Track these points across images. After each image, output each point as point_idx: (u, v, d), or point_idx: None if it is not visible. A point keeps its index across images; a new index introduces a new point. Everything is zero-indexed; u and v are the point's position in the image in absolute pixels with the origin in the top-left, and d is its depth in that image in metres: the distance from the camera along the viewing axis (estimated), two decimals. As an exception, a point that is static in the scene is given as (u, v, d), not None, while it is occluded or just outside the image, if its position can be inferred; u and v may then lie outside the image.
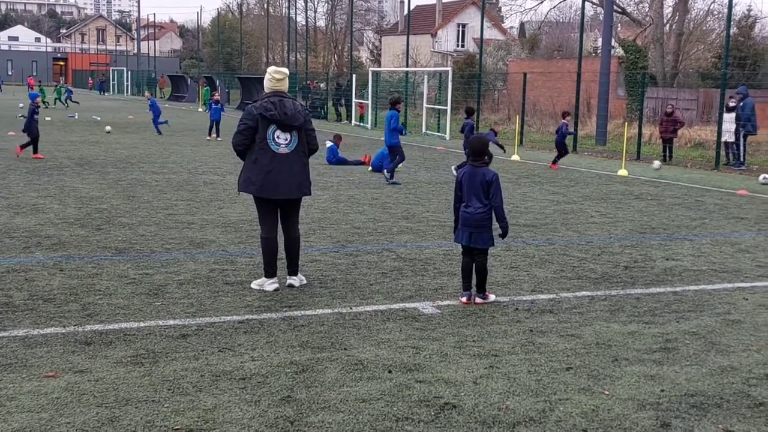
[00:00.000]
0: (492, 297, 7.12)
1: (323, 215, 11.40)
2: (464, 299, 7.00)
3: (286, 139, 7.11)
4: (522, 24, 65.80)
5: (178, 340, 5.73)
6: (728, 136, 20.56)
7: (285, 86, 7.28)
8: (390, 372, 5.22)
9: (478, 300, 7.01)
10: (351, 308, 6.72)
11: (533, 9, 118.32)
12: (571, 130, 19.58)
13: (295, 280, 7.40)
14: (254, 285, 7.31)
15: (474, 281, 7.10)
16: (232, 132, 7.79)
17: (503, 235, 7.05)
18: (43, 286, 7.07)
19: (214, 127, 25.26)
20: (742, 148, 20.43)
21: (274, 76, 7.21)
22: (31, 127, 17.49)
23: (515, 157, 21.84)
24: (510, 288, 7.59)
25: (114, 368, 5.12)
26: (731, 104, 20.56)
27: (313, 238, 9.74)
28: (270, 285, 7.22)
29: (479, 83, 31.13)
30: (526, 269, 8.41)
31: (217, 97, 26.16)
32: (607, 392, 4.99)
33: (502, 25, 66.12)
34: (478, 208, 6.92)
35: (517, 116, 25.99)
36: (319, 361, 5.38)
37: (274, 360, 5.38)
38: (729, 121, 20.42)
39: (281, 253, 7.48)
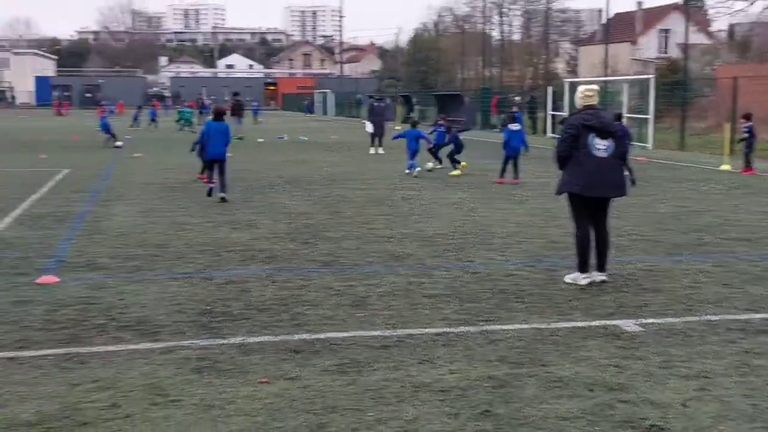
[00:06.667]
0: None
1: (519, 229, 11.36)
2: None
3: (605, 145, 7.90)
4: (731, 26, 62.45)
5: (379, 351, 5.92)
6: None
7: (596, 101, 8.17)
8: (591, 390, 5.14)
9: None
10: (549, 324, 6.67)
11: (743, 10, 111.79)
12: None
13: (605, 276, 8.07)
14: (568, 279, 8.14)
15: None
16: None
17: None
18: (258, 296, 7.53)
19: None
20: None
21: (586, 94, 8.13)
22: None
23: (725, 167, 20.75)
24: (722, 306, 7.24)
25: (321, 376, 5.37)
26: None
27: (509, 252, 9.73)
28: (583, 279, 8.01)
29: (684, 90, 29.84)
30: (739, 286, 7.99)
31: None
32: (829, 418, 4.66)
33: (709, 28, 63.05)
34: None
35: (726, 123, 24.66)
36: (518, 377, 5.38)
37: (473, 373, 5.44)
38: None
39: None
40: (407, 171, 19.09)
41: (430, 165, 20.00)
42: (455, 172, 19.16)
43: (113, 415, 4.70)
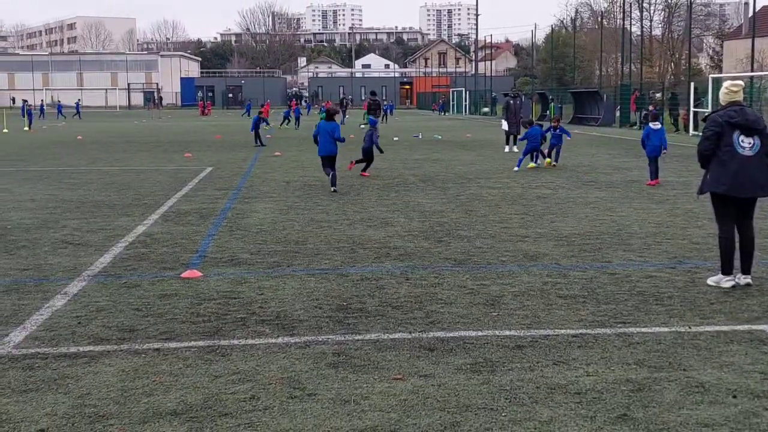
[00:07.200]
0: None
1: (658, 229, 11.03)
2: None
3: (750, 143, 7.65)
4: None
5: (513, 351, 5.89)
6: None
7: (740, 97, 7.93)
8: (734, 397, 4.95)
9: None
10: (690, 327, 6.45)
11: None
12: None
13: (750, 279, 7.77)
14: (710, 281, 7.87)
15: None
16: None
17: None
18: (392, 293, 7.62)
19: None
20: None
21: (731, 89, 7.88)
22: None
23: None
24: None
25: (455, 375, 5.39)
26: None
27: (648, 253, 9.47)
28: (727, 282, 7.72)
29: (840, 85, 28.17)
30: None
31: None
32: None
33: None
34: None
35: None
36: (657, 381, 5.24)
37: (609, 376, 5.33)
38: None
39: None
40: (536, 163, 20.27)
41: (539, 161, 20.77)
42: (532, 165, 20.24)
43: (252, 407, 4.87)
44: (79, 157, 25.37)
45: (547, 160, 20.49)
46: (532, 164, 20.15)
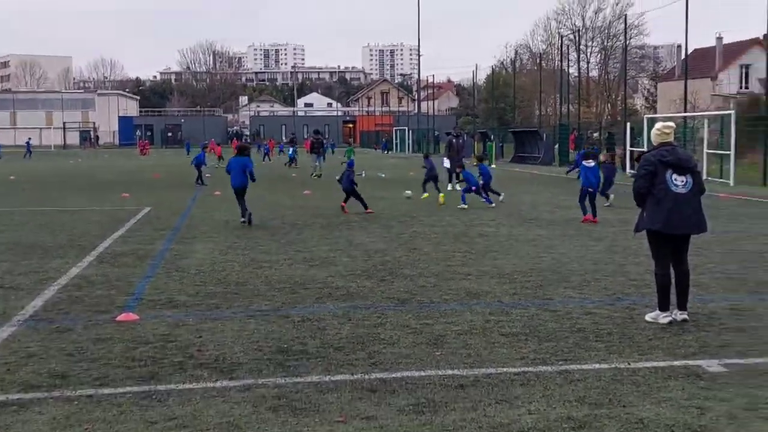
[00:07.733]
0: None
1: (597, 266, 11.17)
2: None
3: (683, 181, 7.86)
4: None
5: (456, 390, 5.86)
6: None
7: (672, 138, 8.16)
8: (673, 433, 4.99)
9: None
10: (629, 364, 6.52)
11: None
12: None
13: (686, 314, 7.93)
14: (648, 317, 8.01)
15: None
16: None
17: None
18: (334, 334, 7.54)
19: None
20: None
21: (663, 131, 8.10)
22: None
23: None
24: (809, 347, 6.96)
25: (397, 416, 5.34)
26: None
27: (588, 290, 9.57)
28: (664, 318, 7.88)
29: (766, 125, 29.06)
30: (827, 326, 7.67)
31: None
32: None
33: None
34: None
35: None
36: (597, 418, 5.26)
37: (551, 414, 5.34)
38: None
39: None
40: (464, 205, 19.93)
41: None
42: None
43: (191, 452, 4.74)
44: (11, 197, 24.78)
45: (441, 199, 21.47)
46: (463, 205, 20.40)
